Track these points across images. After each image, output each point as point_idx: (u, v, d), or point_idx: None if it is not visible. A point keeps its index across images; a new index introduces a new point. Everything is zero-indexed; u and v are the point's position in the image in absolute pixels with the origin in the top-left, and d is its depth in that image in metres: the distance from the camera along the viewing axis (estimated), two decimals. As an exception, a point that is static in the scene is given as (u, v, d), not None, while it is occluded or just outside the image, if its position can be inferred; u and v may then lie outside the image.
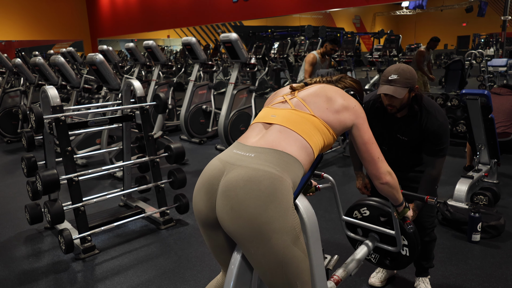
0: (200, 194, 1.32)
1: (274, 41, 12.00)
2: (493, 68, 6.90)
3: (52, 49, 12.36)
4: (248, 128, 1.46)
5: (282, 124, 1.36)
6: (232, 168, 1.26)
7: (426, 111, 1.96)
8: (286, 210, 1.20)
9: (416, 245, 1.72)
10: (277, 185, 1.20)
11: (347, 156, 5.03)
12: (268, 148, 1.29)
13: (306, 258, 1.28)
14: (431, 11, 12.37)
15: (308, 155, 1.33)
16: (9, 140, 6.43)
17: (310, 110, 1.40)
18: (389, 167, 1.50)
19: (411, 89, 1.88)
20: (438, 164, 1.98)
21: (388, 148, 2.10)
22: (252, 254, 1.23)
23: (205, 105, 6.12)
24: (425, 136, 1.96)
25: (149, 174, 3.37)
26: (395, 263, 1.81)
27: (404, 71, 1.86)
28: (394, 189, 1.54)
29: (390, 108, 1.93)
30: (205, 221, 1.34)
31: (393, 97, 1.87)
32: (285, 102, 1.46)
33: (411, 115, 1.98)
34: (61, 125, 2.76)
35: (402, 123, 2.02)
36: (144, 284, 2.45)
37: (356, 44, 8.35)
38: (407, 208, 1.68)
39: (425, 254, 2.20)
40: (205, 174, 1.34)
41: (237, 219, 1.20)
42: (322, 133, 1.38)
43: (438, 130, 1.92)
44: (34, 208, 2.93)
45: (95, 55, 3.77)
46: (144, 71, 8.65)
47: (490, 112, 3.38)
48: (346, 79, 1.63)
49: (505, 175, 4.13)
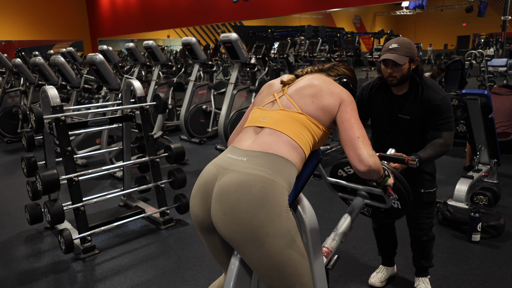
0: (196, 199, 1.34)
1: (274, 41, 11.99)
2: (493, 68, 6.90)
3: (52, 49, 12.35)
4: (241, 131, 1.46)
5: (272, 127, 1.36)
6: (225, 172, 1.27)
7: (426, 85, 1.94)
8: (279, 213, 1.20)
9: (408, 198, 1.64)
10: (268, 189, 1.21)
11: (347, 156, 5.02)
12: (260, 152, 1.30)
13: (304, 260, 1.28)
14: (431, 11, 12.34)
15: (299, 155, 1.33)
16: (9, 140, 6.43)
17: (298, 108, 1.39)
18: (372, 150, 1.34)
19: (412, 60, 1.88)
20: (446, 136, 1.90)
21: (390, 128, 2.06)
22: (248, 258, 1.24)
23: (205, 105, 6.12)
24: (428, 112, 1.91)
25: (149, 174, 3.37)
26: (388, 215, 1.78)
27: (404, 41, 1.88)
28: (377, 171, 1.38)
29: (391, 79, 1.91)
30: (201, 225, 1.36)
31: (394, 65, 1.86)
32: (274, 102, 1.45)
33: (412, 89, 1.95)
34: (61, 125, 2.76)
35: (403, 100, 1.98)
36: (144, 284, 2.45)
37: (356, 44, 8.36)
38: (388, 177, 1.53)
39: (424, 254, 2.20)
40: (200, 179, 1.35)
41: (230, 224, 1.21)
42: (311, 130, 1.37)
43: (441, 103, 1.89)
44: (34, 208, 2.93)
45: (95, 55, 3.77)
46: (144, 71, 8.65)
47: (490, 112, 3.38)
48: (339, 67, 1.59)
49: (505, 175, 4.12)
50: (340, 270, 2.50)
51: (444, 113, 1.89)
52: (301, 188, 1.37)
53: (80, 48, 13.35)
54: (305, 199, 1.40)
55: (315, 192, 3.83)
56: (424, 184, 2.06)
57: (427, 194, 2.07)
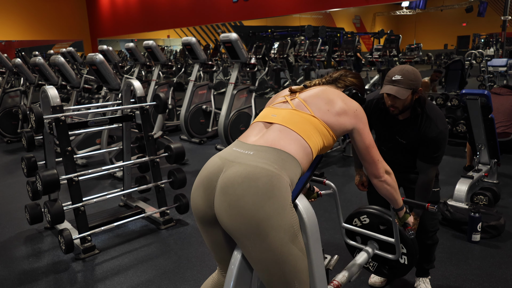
0: (199, 191, 1.33)
1: (274, 41, 11.99)
2: (493, 68, 6.90)
3: (52, 49, 12.35)
4: (248, 127, 1.47)
5: (282, 124, 1.36)
6: (231, 165, 1.27)
7: (427, 116, 1.94)
8: (284, 207, 1.21)
9: (415, 254, 1.71)
10: (274, 182, 1.21)
11: (347, 156, 5.03)
12: (267, 147, 1.30)
13: (304, 257, 1.28)
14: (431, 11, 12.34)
15: (306, 155, 1.33)
16: (9, 140, 6.43)
17: (310, 111, 1.40)
18: (388, 167, 1.53)
19: (415, 91, 1.86)
20: (430, 171, 1.96)
21: (387, 149, 2.10)
22: (250, 251, 1.23)
23: (205, 105, 6.12)
24: (423, 141, 1.95)
25: (149, 174, 3.37)
26: (393, 271, 1.81)
27: (409, 72, 1.84)
28: (393, 188, 1.56)
29: (392, 109, 1.91)
30: (202, 218, 1.35)
31: (395, 98, 1.86)
32: (286, 102, 1.46)
33: (413, 118, 1.96)
34: (61, 125, 2.76)
35: (402, 125, 2.00)
36: (144, 284, 2.45)
37: (357, 47, 8.36)
38: (408, 214, 1.68)
39: (427, 257, 2.20)
40: (204, 171, 1.34)
41: (235, 215, 1.21)
42: (321, 134, 1.38)
43: (436, 137, 1.91)
44: (34, 208, 2.93)
45: (95, 55, 3.77)
46: (144, 71, 8.66)
47: (490, 112, 3.38)
48: (347, 77, 1.62)
49: (505, 175, 4.12)
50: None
51: (436, 146, 1.93)
52: (301, 188, 1.37)
53: (80, 48, 13.35)
54: (305, 199, 1.40)
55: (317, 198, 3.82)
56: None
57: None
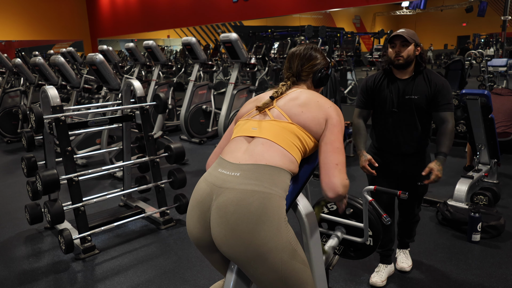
0: (193, 220, 1.33)
1: (274, 41, 11.98)
2: (493, 68, 6.90)
3: (52, 49, 12.35)
4: (230, 141, 1.43)
5: (263, 137, 1.35)
6: (220, 191, 1.25)
7: (429, 71, 2.15)
8: (279, 226, 1.21)
9: (380, 236, 1.73)
10: (267, 204, 1.21)
11: (347, 156, 5.03)
12: (252, 164, 1.28)
13: (306, 268, 1.29)
14: (431, 11, 12.35)
15: (291, 163, 1.33)
16: (9, 140, 6.43)
17: (288, 118, 1.38)
18: (346, 178, 1.32)
19: (416, 45, 2.07)
20: (451, 117, 2.11)
21: (397, 110, 2.16)
22: (252, 274, 1.24)
23: (205, 105, 6.12)
24: (434, 90, 2.09)
25: (149, 174, 3.37)
26: (359, 253, 1.83)
27: (409, 30, 2.08)
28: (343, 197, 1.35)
29: (398, 58, 2.06)
30: (198, 243, 1.35)
31: (402, 46, 2.04)
32: (265, 114, 1.43)
33: (417, 73, 2.13)
34: (61, 125, 2.76)
35: (409, 83, 2.14)
36: (144, 284, 2.45)
37: (356, 44, 8.34)
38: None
39: (409, 233, 2.47)
40: (194, 198, 1.34)
41: (233, 245, 1.21)
42: (301, 139, 1.37)
43: (445, 83, 2.10)
44: (34, 208, 2.93)
45: (95, 55, 3.77)
46: (144, 71, 8.65)
47: (490, 112, 3.38)
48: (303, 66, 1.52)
49: (505, 175, 4.12)
50: (340, 270, 2.50)
51: (448, 93, 2.10)
52: (300, 189, 1.37)
53: (80, 48, 13.34)
54: (305, 199, 1.40)
55: (315, 192, 3.83)
56: (420, 177, 2.12)
57: (421, 186, 2.22)
